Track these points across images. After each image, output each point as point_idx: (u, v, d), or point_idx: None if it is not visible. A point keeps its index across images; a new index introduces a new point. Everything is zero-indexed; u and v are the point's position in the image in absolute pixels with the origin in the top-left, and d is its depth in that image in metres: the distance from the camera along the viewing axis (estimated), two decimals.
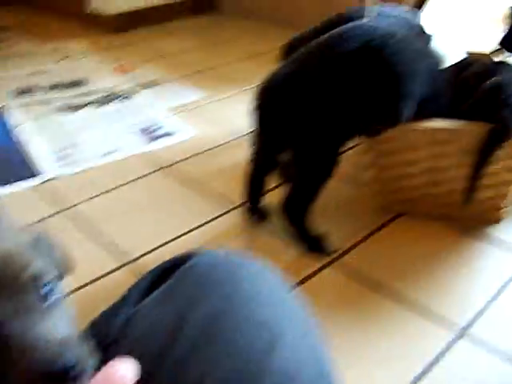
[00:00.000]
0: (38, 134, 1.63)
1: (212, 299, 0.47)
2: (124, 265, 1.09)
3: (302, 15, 1.44)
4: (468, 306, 0.97)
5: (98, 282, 1.05)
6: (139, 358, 0.45)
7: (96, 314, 0.53)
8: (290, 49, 1.34)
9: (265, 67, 1.10)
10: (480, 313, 0.96)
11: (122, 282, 0.96)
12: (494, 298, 0.99)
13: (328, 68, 0.98)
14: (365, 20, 1.18)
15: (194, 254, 0.55)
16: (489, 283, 1.03)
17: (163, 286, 0.51)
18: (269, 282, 0.51)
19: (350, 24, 1.06)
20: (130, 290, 0.53)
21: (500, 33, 1.25)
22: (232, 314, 0.46)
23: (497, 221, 1.19)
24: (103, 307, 0.53)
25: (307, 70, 0.99)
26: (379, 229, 1.18)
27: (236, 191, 1.23)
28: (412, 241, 1.14)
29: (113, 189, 1.36)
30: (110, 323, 0.51)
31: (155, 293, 0.51)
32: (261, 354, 0.43)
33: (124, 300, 0.52)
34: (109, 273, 1.08)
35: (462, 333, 0.92)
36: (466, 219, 1.19)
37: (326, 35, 1.04)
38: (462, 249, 1.12)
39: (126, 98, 1.86)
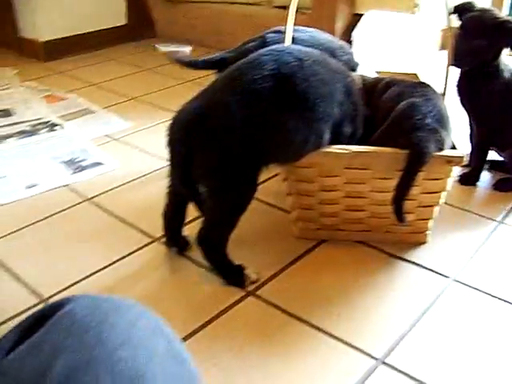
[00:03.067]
0: None
1: (75, 350, 0.44)
2: (37, 304, 1.05)
3: (241, 39, 1.44)
4: (388, 333, 0.97)
5: (7, 324, 1.00)
6: None
7: None
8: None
9: (189, 96, 1.07)
10: (400, 340, 0.95)
11: None
12: (416, 322, 0.99)
13: (237, 99, 0.97)
14: (279, 44, 1.18)
15: (70, 299, 0.52)
16: (411, 308, 1.02)
17: (33, 337, 0.48)
18: (143, 328, 0.49)
19: (263, 50, 1.06)
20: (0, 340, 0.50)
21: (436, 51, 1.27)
22: (94, 366, 0.43)
23: (420, 244, 1.19)
24: None
25: (216, 102, 0.98)
26: (300, 257, 1.16)
27: (157, 223, 1.20)
28: (334, 268, 1.13)
29: (32, 224, 1.31)
30: None
31: (26, 343, 0.48)
32: None
33: None
34: (20, 313, 1.02)
35: (381, 362, 0.91)
36: (389, 243, 1.19)
37: (236, 64, 1.03)
38: (384, 274, 1.11)
39: (53, 128, 1.81)
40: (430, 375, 0.88)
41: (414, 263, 1.14)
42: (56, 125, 1.84)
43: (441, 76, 1.24)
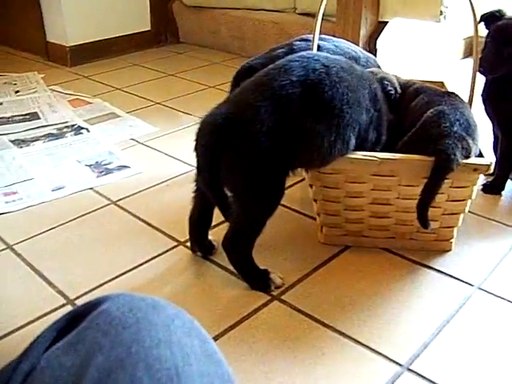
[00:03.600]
0: None
1: (113, 348, 0.45)
2: (63, 305, 1.06)
3: (264, 46, 1.46)
4: (412, 340, 0.96)
5: (36, 323, 1.02)
6: None
7: None
8: (242, 77, 1.36)
9: (221, 100, 1.08)
10: (424, 347, 0.95)
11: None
12: (440, 330, 0.99)
13: (266, 104, 0.97)
14: (307, 51, 1.18)
15: (106, 298, 0.53)
16: (435, 315, 1.02)
17: (70, 334, 0.49)
18: (179, 328, 0.49)
19: (291, 56, 1.07)
20: (36, 338, 0.51)
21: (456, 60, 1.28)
22: (131, 363, 0.43)
23: (444, 252, 1.19)
24: None
25: (245, 106, 0.99)
26: (325, 263, 1.17)
27: (182, 227, 1.21)
28: (358, 274, 1.13)
29: (58, 226, 1.32)
30: (13, 373, 0.48)
31: (61, 341, 0.49)
32: None
33: (29, 349, 0.50)
34: (46, 314, 1.04)
35: (405, 368, 0.91)
36: (413, 250, 1.19)
37: (265, 69, 1.04)
38: (409, 281, 1.11)
39: (79, 131, 1.84)
40: (455, 383, 0.88)
41: (438, 271, 1.14)
42: (82, 128, 1.86)
43: (465, 84, 1.24)
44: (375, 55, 2.00)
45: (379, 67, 1.42)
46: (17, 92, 2.25)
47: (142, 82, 2.37)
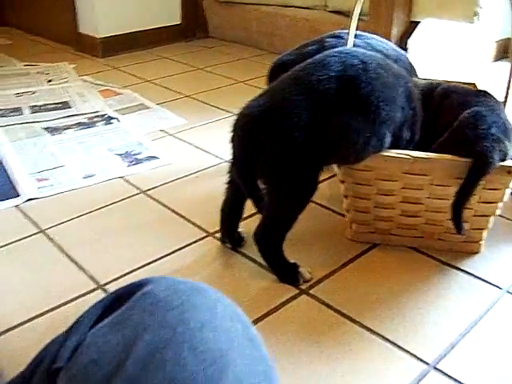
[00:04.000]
0: (18, 156, 1.62)
1: (159, 328, 0.46)
2: (93, 290, 1.08)
3: (293, 42, 1.46)
4: (439, 340, 0.96)
5: (66, 306, 1.04)
6: None
7: None
8: (274, 72, 1.36)
9: (247, 95, 1.09)
10: (451, 347, 0.95)
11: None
12: (467, 331, 0.98)
13: (303, 98, 0.98)
14: (343, 46, 1.19)
15: (149, 280, 0.54)
16: (463, 316, 1.02)
17: (115, 313, 0.50)
18: (222, 312, 0.50)
19: (328, 51, 1.07)
20: (82, 316, 0.53)
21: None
22: (177, 343, 0.45)
23: (474, 253, 1.19)
24: None
25: (282, 100, 1.00)
26: (353, 260, 1.17)
27: (211, 218, 1.23)
28: (386, 272, 1.13)
29: (89, 212, 1.35)
30: (60, 349, 0.50)
31: (106, 320, 0.50)
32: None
33: (75, 326, 0.51)
34: (77, 297, 1.06)
35: (432, 367, 0.91)
36: (441, 251, 1.19)
37: (302, 64, 1.05)
38: (436, 281, 1.11)
39: (109, 121, 1.86)
40: (481, 383, 0.88)
41: (466, 272, 1.14)
42: (112, 118, 1.89)
43: (497, 86, 1.24)
44: None
45: (411, 65, 1.41)
46: (49, 81, 2.28)
47: (171, 75, 2.39)
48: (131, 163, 1.58)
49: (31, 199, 1.40)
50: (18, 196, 1.41)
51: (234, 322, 0.50)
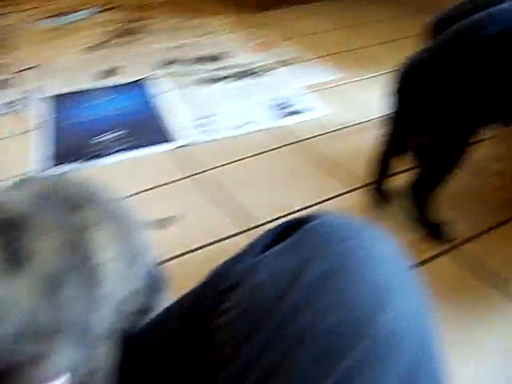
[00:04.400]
0: (180, 102, 1.72)
1: (331, 256, 0.48)
2: (246, 230, 1.13)
3: (444, 1, 1.39)
4: None
5: (218, 245, 1.10)
6: (251, 306, 0.47)
7: None
8: (434, 28, 1.31)
9: (401, 52, 1.07)
10: None
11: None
12: None
13: (466, 54, 0.94)
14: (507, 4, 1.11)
15: (318, 214, 0.56)
16: None
17: (287, 241, 0.53)
18: (387, 249, 0.51)
19: (493, 8, 1.01)
20: (254, 241, 0.56)
21: None
22: (348, 272, 0.46)
23: None
24: None
25: (445, 56, 0.96)
26: (502, 223, 1.12)
27: (362, 171, 1.23)
28: None
29: (242, 159, 1.40)
30: (230, 270, 0.53)
31: (278, 246, 0.53)
32: (369, 312, 0.43)
33: (248, 250, 0.55)
34: (230, 236, 1.12)
35: None
36: None
37: (467, 20, 1.00)
38: None
39: (263, 74, 1.90)
40: None
41: None
42: (267, 70, 1.92)
43: None
44: None
45: None
46: (205, 34, 2.37)
47: (333, 29, 2.37)
48: (284, 115, 1.61)
49: (185, 145, 1.48)
50: (172, 141, 1.50)
51: (397, 257, 0.51)
